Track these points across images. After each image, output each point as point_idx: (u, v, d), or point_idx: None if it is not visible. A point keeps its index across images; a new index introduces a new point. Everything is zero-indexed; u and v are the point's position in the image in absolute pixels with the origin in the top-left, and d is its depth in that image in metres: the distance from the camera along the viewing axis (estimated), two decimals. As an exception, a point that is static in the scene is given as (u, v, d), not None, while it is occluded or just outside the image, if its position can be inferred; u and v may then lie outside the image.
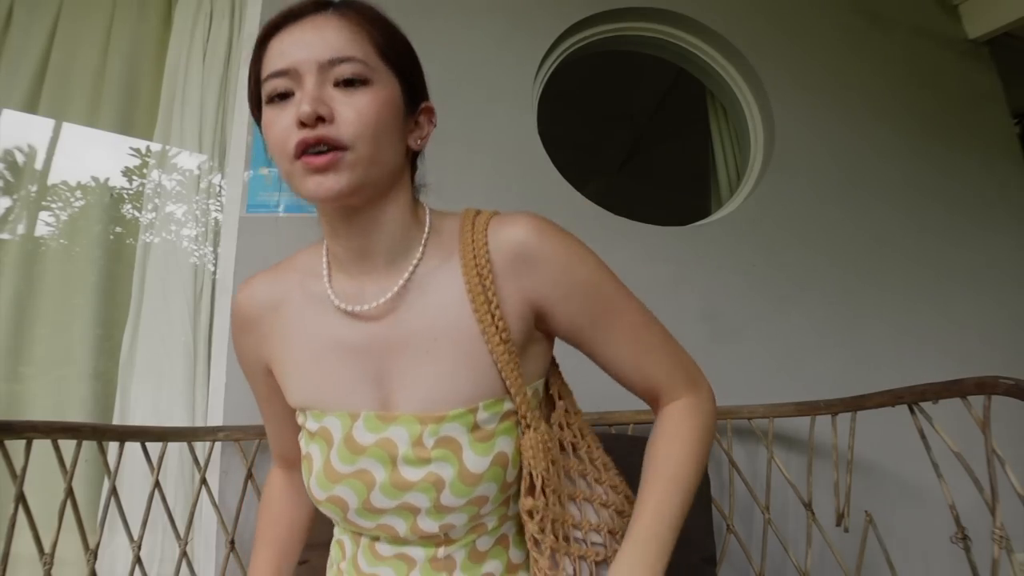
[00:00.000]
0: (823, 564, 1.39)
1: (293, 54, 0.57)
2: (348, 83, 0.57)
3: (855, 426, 1.26)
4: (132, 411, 1.40)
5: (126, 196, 1.68)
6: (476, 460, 0.58)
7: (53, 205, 1.60)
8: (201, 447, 1.32)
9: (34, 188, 1.59)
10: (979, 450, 0.98)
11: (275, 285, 0.69)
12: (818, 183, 1.88)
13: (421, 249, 0.63)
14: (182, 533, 1.21)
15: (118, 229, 1.64)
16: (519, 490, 0.61)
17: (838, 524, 1.24)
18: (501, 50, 1.69)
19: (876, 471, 1.60)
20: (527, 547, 0.62)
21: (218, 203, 1.61)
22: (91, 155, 1.64)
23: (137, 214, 1.64)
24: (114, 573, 1.28)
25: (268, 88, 0.58)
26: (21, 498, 1.00)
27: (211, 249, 1.56)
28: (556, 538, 0.61)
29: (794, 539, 1.41)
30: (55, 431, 1.08)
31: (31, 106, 1.58)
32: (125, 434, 1.21)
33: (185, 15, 1.66)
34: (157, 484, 1.20)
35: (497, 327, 0.59)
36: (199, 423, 1.41)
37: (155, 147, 1.61)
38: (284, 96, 0.58)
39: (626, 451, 1.27)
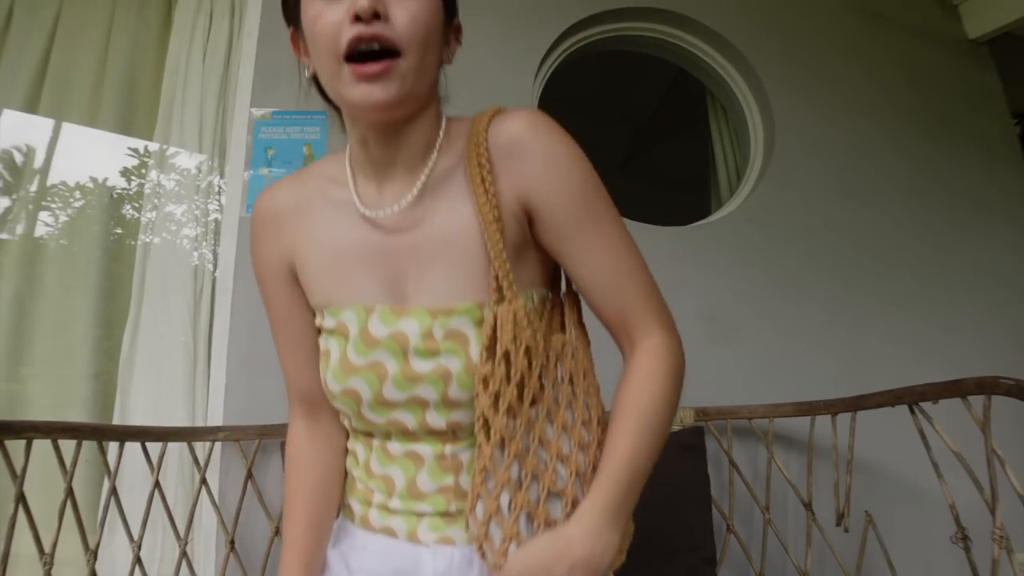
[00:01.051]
0: (823, 564, 1.39)
1: None
2: None
3: (855, 426, 1.26)
4: (132, 411, 1.41)
5: (126, 197, 1.68)
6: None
7: (53, 205, 1.60)
8: (201, 447, 1.32)
9: (34, 188, 1.59)
10: (979, 450, 0.99)
11: (297, 190, 0.69)
12: (818, 183, 1.88)
13: (435, 154, 0.64)
14: (182, 533, 1.21)
15: (118, 229, 1.64)
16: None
17: (838, 524, 1.24)
18: (501, 50, 1.69)
19: (876, 471, 1.60)
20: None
21: (218, 203, 1.61)
22: (91, 155, 1.64)
23: (137, 214, 1.64)
24: (114, 573, 1.28)
25: None
26: (21, 498, 1.00)
27: (211, 249, 1.56)
28: (514, 437, 0.58)
29: (794, 539, 1.41)
30: (55, 431, 1.08)
31: (31, 106, 1.58)
32: (125, 434, 1.21)
33: (185, 15, 1.66)
34: (157, 484, 1.20)
35: (497, 222, 0.59)
36: (199, 423, 1.41)
37: (153, 147, 1.61)
38: None
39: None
